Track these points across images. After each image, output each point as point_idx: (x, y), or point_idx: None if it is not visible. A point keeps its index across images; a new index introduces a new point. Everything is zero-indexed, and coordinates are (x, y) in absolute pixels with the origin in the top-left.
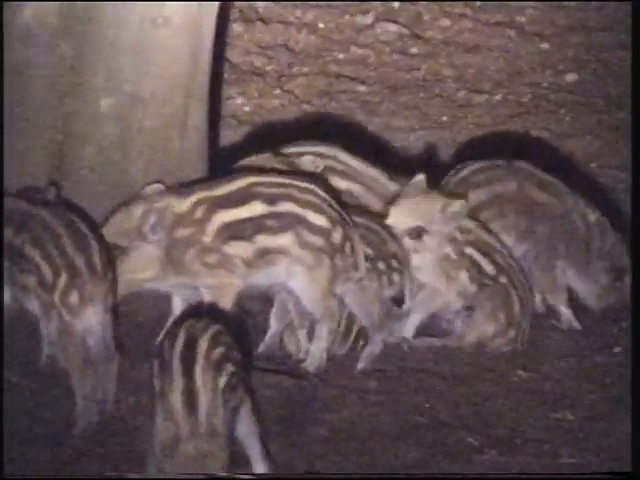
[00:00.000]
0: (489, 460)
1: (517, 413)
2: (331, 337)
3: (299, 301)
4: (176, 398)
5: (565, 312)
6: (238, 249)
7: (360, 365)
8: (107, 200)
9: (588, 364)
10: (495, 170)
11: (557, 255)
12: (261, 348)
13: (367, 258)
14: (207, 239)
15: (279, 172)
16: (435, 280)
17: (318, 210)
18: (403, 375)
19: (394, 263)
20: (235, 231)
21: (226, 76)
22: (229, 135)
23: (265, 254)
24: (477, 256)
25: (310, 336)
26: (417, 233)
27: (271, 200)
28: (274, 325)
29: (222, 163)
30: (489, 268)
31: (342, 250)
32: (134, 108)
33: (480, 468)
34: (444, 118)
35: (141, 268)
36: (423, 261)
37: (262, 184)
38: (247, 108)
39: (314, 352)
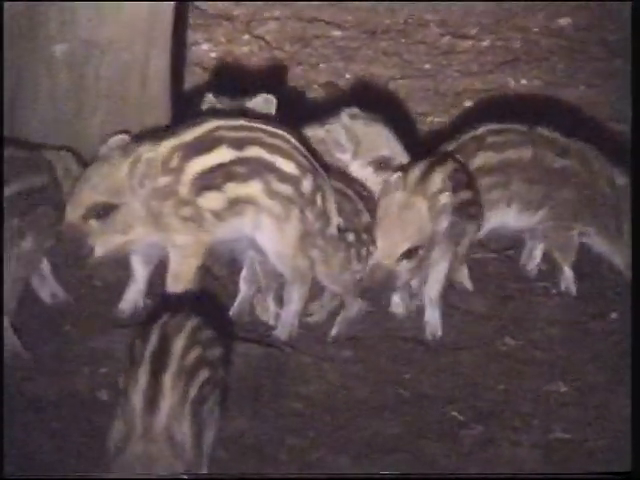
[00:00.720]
0: (475, 435)
1: (505, 384)
2: (303, 302)
3: (267, 260)
4: (137, 398)
5: (567, 273)
6: (210, 201)
7: (334, 331)
8: None
9: (582, 331)
10: (512, 135)
11: (579, 219)
12: (231, 314)
13: (337, 228)
14: (183, 190)
15: (245, 115)
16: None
17: (287, 156)
18: (382, 343)
19: (365, 237)
20: (207, 180)
21: (191, 20)
22: (194, 84)
23: (235, 204)
24: None
25: (277, 301)
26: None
27: (238, 144)
28: (243, 289)
29: (186, 114)
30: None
31: (313, 202)
32: (90, 55)
33: (465, 444)
34: (427, 66)
35: (128, 227)
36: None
37: (228, 127)
38: (214, 55)
39: (285, 318)
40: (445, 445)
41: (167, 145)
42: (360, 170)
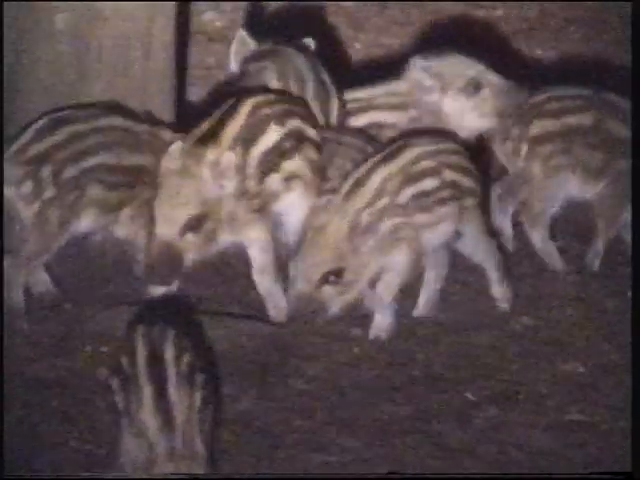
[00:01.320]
0: (488, 417)
1: (520, 365)
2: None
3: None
4: (149, 417)
5: (599, 246)
6: (270, 186)
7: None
8: None
9: (599, 310)
10: (573, 100)
11: None
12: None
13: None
14: (250, 183)
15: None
16: None
17: (313, 123)
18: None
19: None
20: (265, 165)
21: None
22: (199, 53)
23: (287, 182)
24: None
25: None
26: None
27: (280, 119)
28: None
29: (190, 86)
30: None
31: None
32: (92, 24)
33: (478, 426)
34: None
35: (215, 233)
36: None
37: (266, 103)
38: (219, 23)
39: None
40: (458, 427)
41: (227, 140)
42: (454, 104)
